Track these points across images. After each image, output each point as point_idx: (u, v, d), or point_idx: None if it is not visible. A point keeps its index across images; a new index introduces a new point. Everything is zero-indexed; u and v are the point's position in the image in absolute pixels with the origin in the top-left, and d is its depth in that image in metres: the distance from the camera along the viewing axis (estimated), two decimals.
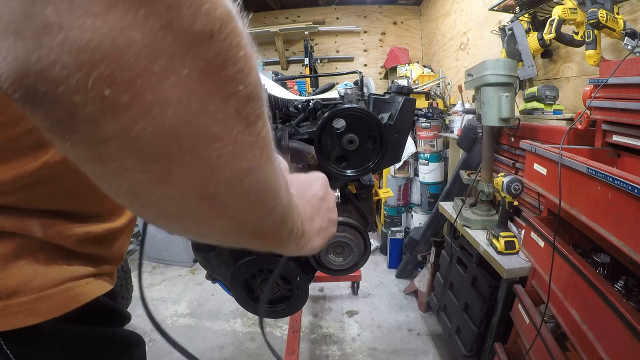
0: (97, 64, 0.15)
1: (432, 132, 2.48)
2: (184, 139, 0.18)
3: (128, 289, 2.04)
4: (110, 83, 0.15)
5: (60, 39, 0.14)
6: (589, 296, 0.84)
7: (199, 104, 0.18)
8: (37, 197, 0.33)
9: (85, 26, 0.14)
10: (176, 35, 0.16)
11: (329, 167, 0.71)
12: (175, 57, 0.17)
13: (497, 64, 1.34)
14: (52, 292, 0.33)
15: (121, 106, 0.16)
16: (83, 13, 0.14)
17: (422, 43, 3.97)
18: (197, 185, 0.20)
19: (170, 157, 0.18)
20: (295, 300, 0.81)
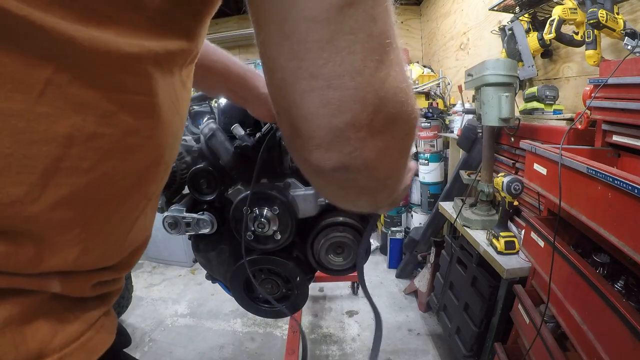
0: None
1: (432, 132, 2.48)
2: (393, 183, 0.37)
3: (128, 289, 2.04)
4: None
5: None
6: (589, 296, 0.84)
7: (402, 169, 0.37)
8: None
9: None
10: (407, 144, 0.35)
11: None
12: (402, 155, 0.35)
13: (497, 64, 1.34)
14: (74, 347, 0.31)
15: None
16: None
17: (422, 43, 3.97)
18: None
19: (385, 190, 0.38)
20: (295, 300, 0.81)
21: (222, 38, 3.95)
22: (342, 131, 0.26)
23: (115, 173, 0.30)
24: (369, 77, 0.26)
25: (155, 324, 2.16)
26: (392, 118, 0.28)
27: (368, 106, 0.26)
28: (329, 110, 0.26)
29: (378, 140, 0.28)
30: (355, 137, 0.27)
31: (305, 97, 0.26)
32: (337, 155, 0.28)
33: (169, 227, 0.74)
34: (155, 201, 0.41)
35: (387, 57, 0.27)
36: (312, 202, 0.76)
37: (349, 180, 0.30)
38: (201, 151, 0.79)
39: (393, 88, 0.27)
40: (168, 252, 2.83)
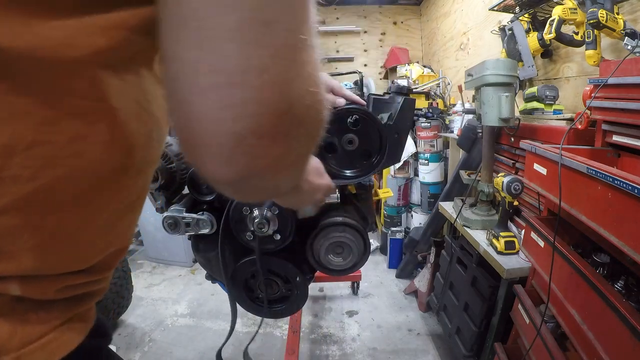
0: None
1: (432, 132, 2.48)
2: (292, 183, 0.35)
3: (128, 289, 2.04)
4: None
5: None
6: (589, 296, 0.84)
7: (302, 171, 0.34)
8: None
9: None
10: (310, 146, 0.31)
11: (329, 167, 0.71)
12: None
13: (497, 64, 1.34)
14: (33, 347, 0.32)
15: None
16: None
17: (422, 43, 3.97)
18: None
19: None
20: (295, 300, 0.81)
21: None
22: (243, 138, 0.24)
23: (64, 179, 0.29)
24: (276, 76, 0.23)
25: (155, 324, 2.16)
26: (297, 122, 0.26)
27: (273, 109, 0.24)
28: (230, 114, 0.23)
29: (280, 145, 0.26)
30: (258, 144, 0.24)
31: (203, 96, 0.23)
32: (235, 168, 0.25)
33: (168, 227, 0.74)
34: (139, 206, 0.40)
35: (300, 56, 0.25)
36: None
37: (247, 187, 0.28)
38: None
39: (302, 90, 0.25)
40: (168, 252, 2.83)
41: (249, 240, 0.73)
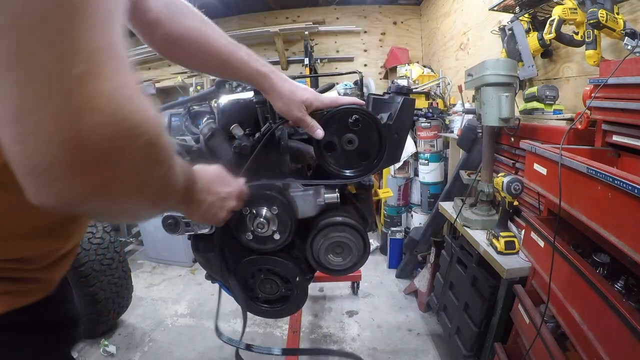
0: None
1: (432, 132, 2.48)
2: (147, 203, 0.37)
3: (128, 289, 2.04)
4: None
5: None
6: (589, 296, 0.84)
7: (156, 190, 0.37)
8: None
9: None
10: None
11: (329, 167, 0.71)
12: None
13: (497, 64, 1.34)
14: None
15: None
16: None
17: (422, 43, 3.97)
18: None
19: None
20: (295, 300, 0.81)
21: None
22: (42, 171, 0.24)
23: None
24: (49, 115, 0.22)
25: (155, 324, 2.16)
26: (102, 153, 0.25)
27: (59, 144, 0.23)
28: (21, 149, 0.23)
29: (91, 175, 0.25)
30: (60, 175, 0.24)
31: (9, 149, 0.23)
32: (48, 196, 0.25)
33: (168, 227, 0.74)
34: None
35: (83, 90, 0.23)
36: (311, 202, 0.76)
37: (86, 211, 0.29)
38: (200, 151, 0.79)
39: (95, 123, 0.24)
40: (168, 252, 2.83)
41: (248, 240, 0.73)
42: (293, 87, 0.68)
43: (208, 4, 3.66)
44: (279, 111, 0.70)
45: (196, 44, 0.64)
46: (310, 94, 0.69)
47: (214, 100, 1.01)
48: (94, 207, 0.29)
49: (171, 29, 0.64)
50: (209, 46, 0.64)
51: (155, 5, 0.63)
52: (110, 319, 1.96)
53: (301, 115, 0.68)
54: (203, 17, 0.67)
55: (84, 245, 1.77)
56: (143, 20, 0.63)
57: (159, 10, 0.63)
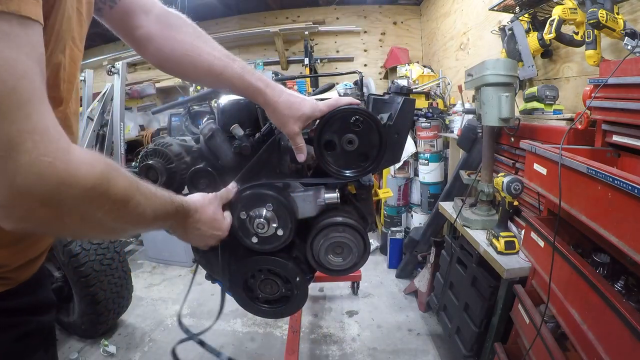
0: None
1: (432, 132, 2.48)
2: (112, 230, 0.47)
3: (128, 289, 2.04)
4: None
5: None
6: (589, 296, 0.84)
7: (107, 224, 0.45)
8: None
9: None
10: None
11: (328, 167, 0.71)
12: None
13: (497, 64, 1.34)
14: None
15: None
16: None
17: (422, 43, 3.97)
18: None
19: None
20: (295, 300, 0.81)
21: (222, 38, 3.95)
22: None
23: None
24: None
25: (155, 324, 2.16)
26: (42, 201, 0.34)
27: (4, 198, 0.33)
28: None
29: (33, 217, 0.35)
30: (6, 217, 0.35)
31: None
32: (8, 225, 0.36)
33: None
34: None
35: (13, 161, 0.32)
36: (312, 202, 0.76)
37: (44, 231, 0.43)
38: (201, 151, 0.79)
39: (26, 183, 0.33)
40: (168, 252, 2.83)
41: (255, 243, 0.73)
42: (290, 100, 0.67)
43: (208, 4, 3.66)
44: (276, 125, 0.69)
45: (188, 58, 0.64)
46: (308, 108, 0.67)
47: (214, 101, 1.01)
48: (51, 233, 0.41)
49: (163, 43, 0.64)
50: (201, 60, 0.64)
51: (146, 21, 0.64)
52: (110, 319, 1.96)
53: (296, 131, 0.67)
54: (197, 30, 0.67)
55: (84, 245, 1.76)
56: (133, 37, 0.64)
57: (150, 25, 0.64)
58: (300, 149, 0.69)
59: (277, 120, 0.68)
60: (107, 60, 3.95)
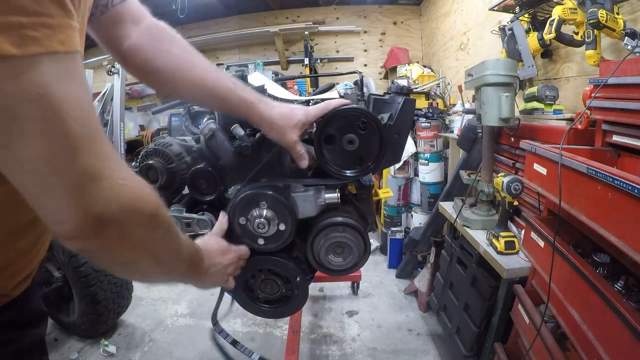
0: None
1: (432, 132, 2.48)
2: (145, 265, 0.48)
3: (128, 289, 2.04)
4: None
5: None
6: (589, 296, 0.84)
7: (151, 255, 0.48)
8: None
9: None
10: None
11: (329, 167, 0.71)
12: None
13: (497, 64, 1.34)
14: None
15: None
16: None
17: (422, 43, 3.97)
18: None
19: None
20: (295, 300, 0.81)
21: (222, 38, 3.95)
22: (66, 236, 0.37)
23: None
24: (76, 204, 0.35)
25: (155, 324, 2.16)
26: (113, 226, 0.37)
27: (81, 223, 0.35)
28: (58, 229, 0.37)
29: (103, 237, 0.38)
30: (82, 240, 0.37)
31: (40, 214, 0.36)
32: (73, 245, 0.38)
33: None
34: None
35: (93, 187, 0.35)
36: (312, 202, 0.76)
37: (102, 257, 0.43)
38: (201, 151, 0.79)
39: (104, 209, 0.36)
40: None
41: (262, 245, 0.73)
42: (282, 111, 0.66)
43: (208, 4, 3.66)
44: (273, 139, 0.68)
45: (180, 71, 0.62)
46: (301, 114, 0.67)
47: None
48: (106, 259, 0.43)
49: (152, 55, 0.62)
50: (193, 73, 0.62)
51: (136, 31, 0.61)
52: (110, 319, 1.96)
53: (295, 139, 0.67)
54: (187, 43, 0.65)
55: None
56: (120, 46, 0.61)
57: (139, 36, 0.61)
58: (302, 156, 0.69)
59: (275, 133, 0.67)
60: (107, 60, 3.94)
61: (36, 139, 0.31)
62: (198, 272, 0.61)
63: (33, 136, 0.31)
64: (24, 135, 0.30)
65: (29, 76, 0.29)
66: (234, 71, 3.52)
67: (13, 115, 0.29)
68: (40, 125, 0.31)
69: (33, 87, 0.29)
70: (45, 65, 0.29)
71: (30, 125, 0.30)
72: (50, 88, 0.30)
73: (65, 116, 0.32)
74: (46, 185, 0.33)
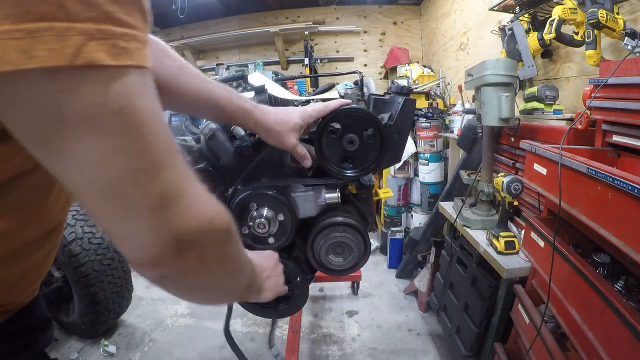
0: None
1: (432, 132, 2.48)
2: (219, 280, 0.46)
3: (128, 289, 2.04)
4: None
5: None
6: (589, 296, 0.84)
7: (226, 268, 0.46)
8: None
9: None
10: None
11: (329, 167, 0.71)
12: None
13: (497, 64, 1.34)
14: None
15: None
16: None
17: (422, 43, 3.97)
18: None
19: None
20: (296, 300, 0.81)
21: (222, 38, 3.95)
22: (150, 266, 0.35)
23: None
24: (157, 227, 0.32)
25: (155, 324, 2.16)
26: (191, 247, 0.35)
27: (162, 252, 0.33)
28: (136, 257, 0.34)
29: (187, 257, 0.35)
30: (163, 265, 0.35)
31: (115, 240, 0.34)
32: (152, 273, 0.36)
33: None
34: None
35: (173, 209, 0.32)
36: (312, 202, 0.76)
37: (175, 284, 0.40)
38: (201, 151, 0.79)
39: (186, 229, 0.34)
40: None
41: (242, 233, 0.73)
42: (278, 117, 0.67)
43: (208, 4, 3.66)
44: (273, 144, 0.69)
45: (175, 81, 0.61)
46: (298, 116, 0.67)
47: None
48: (184, 284, 0.40)
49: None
50: (189, 83, 0.62)
51: None
52: (110, 319, 1.96)
53: (294, 143, 0.67)
54: (181, 58, 0.65)
55: (84, 246, 1.76)
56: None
57: None
58: (304, 156, 0.69)
59: (273, 139, 0.67)
60: None
61: (118, 156, 0.29)
62: (259, 281, 0.61)
63: (114, 153, 0.28)
64: (105, 152, 0.28)
65: (116, 87, 0.27)
66: (234, 71, 3.53)
67: (95, 128, 0.27)
68: (122, 140, 0.28)
69: (118, 99, 0.28)
70: (132, 78, 0.28)
71: (112, 140, 0.28)
72: (134, 101, 0.29)
73: (146, 130, 0.30)
74: (126, 208, 0.31)
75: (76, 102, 0.26)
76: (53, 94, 0.25)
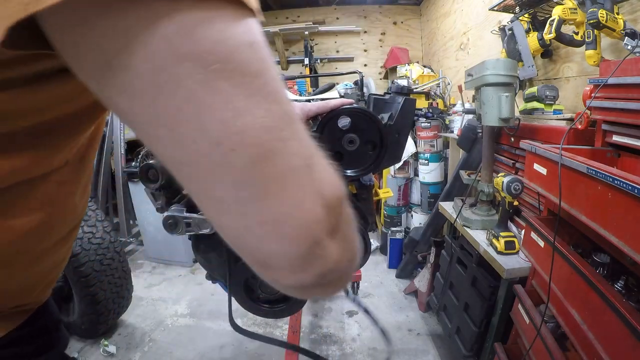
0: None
1: (432, 132, 2.48)
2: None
3: (128, 289, 2.04)
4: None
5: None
6: (589, 296, 0.84)
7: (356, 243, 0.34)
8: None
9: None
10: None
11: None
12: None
13: (497, 64, 1.34)
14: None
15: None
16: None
17: (422, 43, 3.97)
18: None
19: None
20: (296, 300, 0.81)
21: None
22: (308, 254, 0.26)
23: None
24: (308, 212, 0.25)
25: (155, 324, 2.16)
26: (339, 214, 0.28)
27: (322, 221, 0.25)
28: (289, 244, 0.25)
29: (337, 239, 0.28)
30: (321, 249, 0.26)
31: (264, 244, 0.25)
32: (313, 270, 0.27)
33: (169, 227, 0.74)
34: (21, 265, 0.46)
35: (312, 171, 0.26)
36: None
37: (330, 280, 0.30)
38: None
39: (329, 190, 0.27)
40: (168, 252, 2.82)
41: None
42: None
43: None
44: None
45: None
46: (298, 109, 0.66)
47: None
48: (337, 269, 0.30)
49: None
50: None
51: None
52: (110, 319, 1.96)
53: None
54: None
55: (84, 246, 1.77)
56: None
57: None
58: None
59: None
60: None
61: (259, 102, 0.23)
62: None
63: (256, 98, 0.23)
64: (245, 98, 0.22)
65: (246, 23, 0.23)
66: None
67: (233, 66, 0.22)
68: (259, 80, 0.23)
69: (248, 34, 0.23)
70: (255, 20, 0.25)
71: (252, 79, 0.23)
72: (261, 38, 0.25)
73: (275, 74, 0.25)
74: (274, 173, 0.24)
75: (208, 37, 0.21)
76: (187, 29, 0.21)
